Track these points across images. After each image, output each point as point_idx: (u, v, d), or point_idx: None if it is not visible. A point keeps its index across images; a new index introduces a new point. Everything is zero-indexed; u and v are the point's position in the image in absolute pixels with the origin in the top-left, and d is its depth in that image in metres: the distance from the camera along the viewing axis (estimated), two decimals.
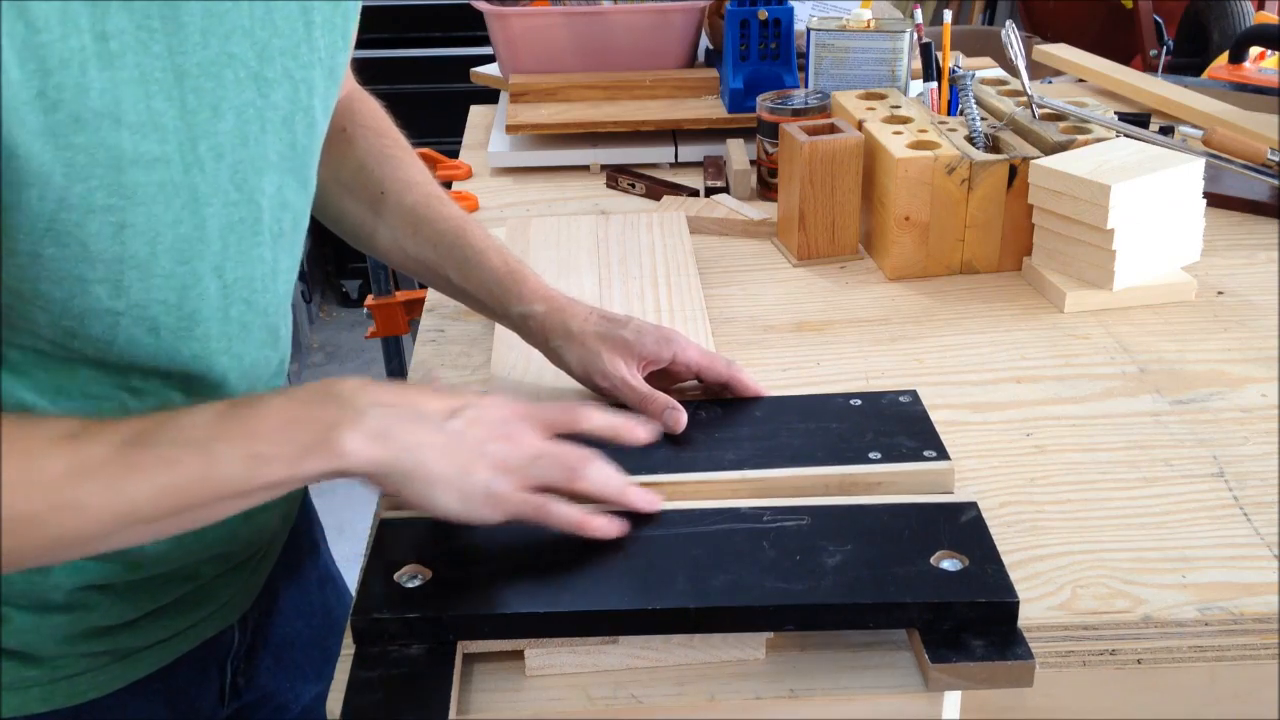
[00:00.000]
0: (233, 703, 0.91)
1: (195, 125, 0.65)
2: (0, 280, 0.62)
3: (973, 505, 0.73)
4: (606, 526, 0.70)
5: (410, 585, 0.68)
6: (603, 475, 0.72)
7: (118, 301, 0.65)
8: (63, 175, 0.58)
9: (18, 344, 0.66)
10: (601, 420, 0.75)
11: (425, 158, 1.55)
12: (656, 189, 1.38)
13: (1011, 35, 1.25)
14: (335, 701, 0.63)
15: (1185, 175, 1.08)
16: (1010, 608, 0.66)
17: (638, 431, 0.76)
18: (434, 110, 2.84)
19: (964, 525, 0.71)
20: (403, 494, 0.67)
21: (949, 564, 0.68)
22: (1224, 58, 2.15)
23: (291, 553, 0.96)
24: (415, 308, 1.72)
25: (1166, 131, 1.41)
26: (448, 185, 1.46)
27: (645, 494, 0.73)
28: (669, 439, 0.82)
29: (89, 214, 0.60)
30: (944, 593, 0.66)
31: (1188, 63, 2.79)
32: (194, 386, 0.74)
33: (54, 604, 0.74)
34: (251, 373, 0.78)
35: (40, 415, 0.68)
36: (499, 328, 0.96)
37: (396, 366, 1.98)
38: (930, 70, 1.32)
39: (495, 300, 0.89)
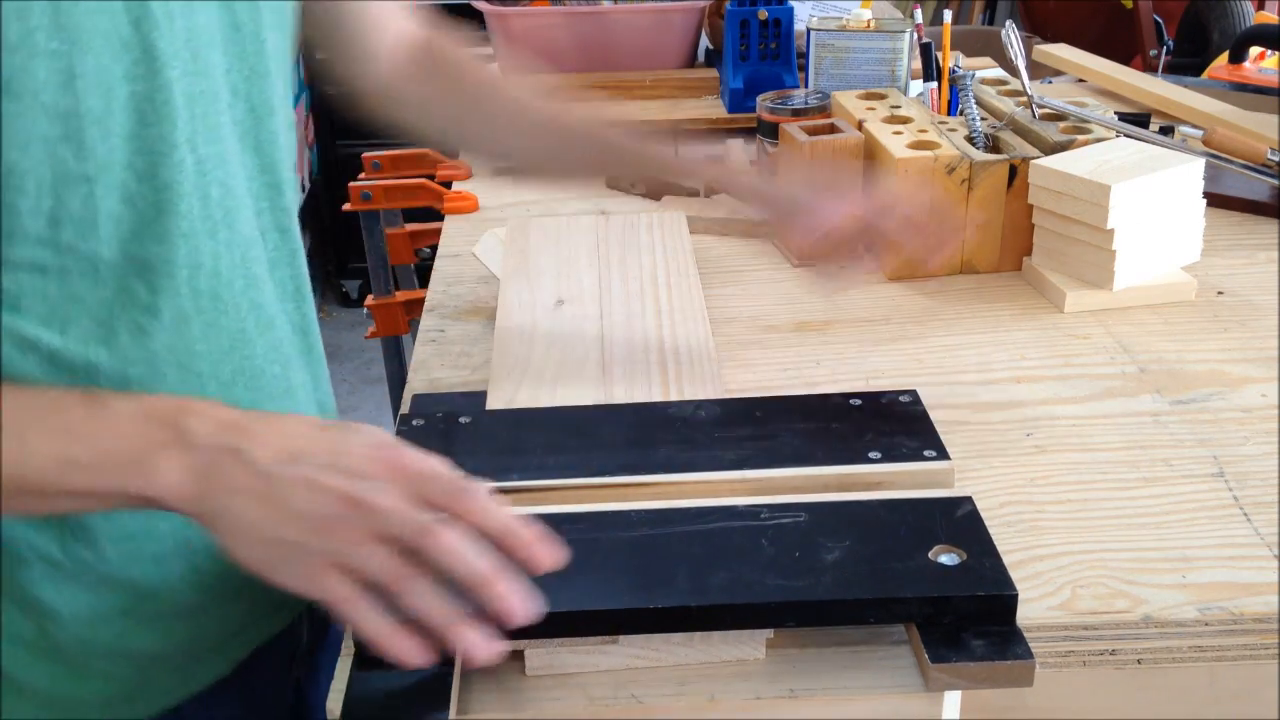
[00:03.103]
0: (299, 707, 0.89)
1: None
2: None
3: (968, 500, 0.73)
4: (413, 653, 0.59)
5: None
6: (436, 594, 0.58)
7: (85, 164, 0.63)
8: None
9: (13, 260, 0.64)
10: (495, 518, 0.60)
11: (425, 158, 1.55)
12: (656, 189, 1.38)
13: (1011, 35, 1.25)
14: (335, 701, 0.63)
15: (1185, 175, 1.08)
16: (1009, 600, 0.66)
17: (537, 553, 0.61)
18: None
19: (960, 519, 0.71)
20: (214, 537, 0.61)
21: (947, 558, 0.68)
22: (1224, 58, 2.15)
23: None
24: (415, 308, 1.72)
25: (1166, 131, 1.41)
26: (447, 185, 1.46)
27: (480, 638, 0.59)
28: (669, 439, 0.82)
29: (33, 58, 0.59)
30: (943, 587, 0.66)
31: (1188, 63, 2.80)
32: (200, 285, 0.70)
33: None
34: (245, 266, 0.73)
35: None
36: (498, 328, 0.96)
37: (396, 367, 1.98)
38: (930, 70, 1.32)
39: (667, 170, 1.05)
